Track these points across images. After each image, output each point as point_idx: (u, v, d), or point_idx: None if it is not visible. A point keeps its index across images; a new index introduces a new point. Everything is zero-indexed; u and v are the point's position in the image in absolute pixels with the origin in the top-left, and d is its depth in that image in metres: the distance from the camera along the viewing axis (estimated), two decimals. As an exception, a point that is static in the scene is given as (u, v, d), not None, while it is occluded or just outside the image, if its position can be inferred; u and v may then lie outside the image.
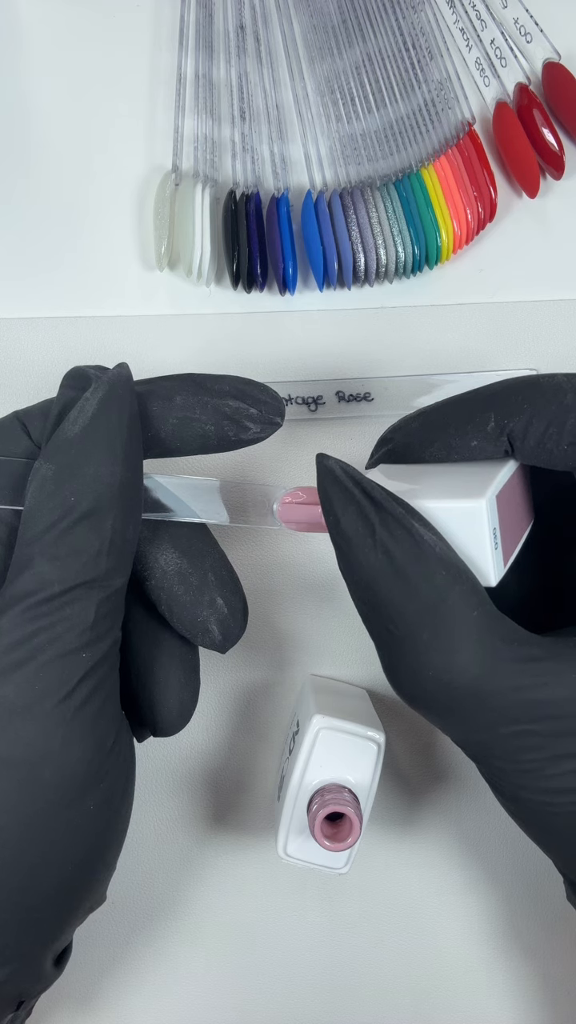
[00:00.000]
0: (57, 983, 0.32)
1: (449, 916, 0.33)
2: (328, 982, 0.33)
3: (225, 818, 0.33)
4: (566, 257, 0.33)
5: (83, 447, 0.21)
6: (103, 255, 0.33)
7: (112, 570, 0.22)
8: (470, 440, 0.23)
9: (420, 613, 0.21)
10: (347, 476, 0.22)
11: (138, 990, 0.33)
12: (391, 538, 0.21)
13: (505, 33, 0.33)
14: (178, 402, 0.23)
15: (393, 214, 0.31)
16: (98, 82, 0.33)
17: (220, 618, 0.24)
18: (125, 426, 0.22)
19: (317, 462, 0.22)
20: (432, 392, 0.32)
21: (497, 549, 0.22)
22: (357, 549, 0.21)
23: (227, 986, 0.33)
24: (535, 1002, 0.33)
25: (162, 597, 0.24)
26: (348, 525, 0.21)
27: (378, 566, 0.21)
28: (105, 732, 0.22)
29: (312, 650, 0.33)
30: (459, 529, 0.22)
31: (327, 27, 0.33)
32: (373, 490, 0.21)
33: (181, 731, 0.32)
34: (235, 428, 0.23)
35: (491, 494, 0.22)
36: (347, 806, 0.26)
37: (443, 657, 0.21)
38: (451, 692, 0.21)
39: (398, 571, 0.21)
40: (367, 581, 0.21)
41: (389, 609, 0.21)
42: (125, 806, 0.24)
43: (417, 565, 0.21)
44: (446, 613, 0.21)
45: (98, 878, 0.24)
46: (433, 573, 0.21)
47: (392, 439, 0.25)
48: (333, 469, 0.22)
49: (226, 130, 0.33)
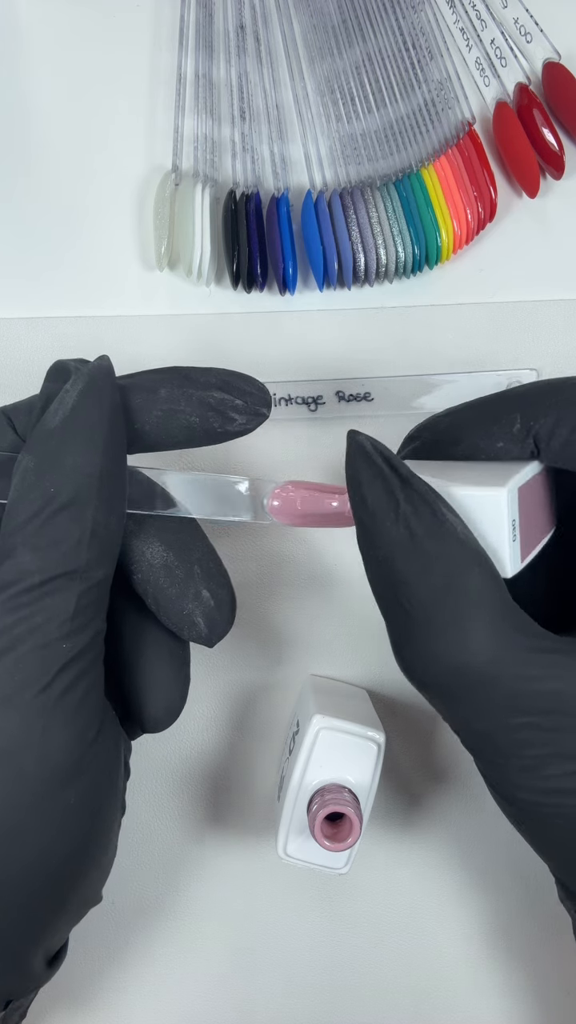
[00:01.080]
0: (57, 983, 0.32)
1: (449, 916, 0.33)
2: (328, 982, 0.33)
3: (225, 818, 0.33)
4: (566, 257, 0.33)
5: (63, 438, 0.21)
6: (103, 255, 0.33)
7: (94, 561, 0.21)
8: (496, 441, 0.23)
9: (436, 591, 0.21)
10: (377, 452, 0.22)
11: (138, 990, 0.33)
12: (414, 513, 0.21)
13: (505, 33, 0.33)
14: (162, 394, 0.23)
15: (393, 214, 0.31)
16: (98, 82, 0.33)
17: (206, 611, 0.24)
18: (106, 416, 0.22)
19: (348, 438, 0.22)
20: (432, 392, 0.32)
21: (515, 542, 0.22)
22: (380, 523, 0.21)
23: (227, 986, 0.33)
24: (534, 1002, 0.33)
25: (148, 591, 0.24)
26: (373, 499, 0.21)
27: (399, 540, 0.21)
28: (87, 723, 0.22)
29: (312, 650, 0.33)
30: (480, 516, 0.22)
31: (327, 27, 0.33)
32: (400, 467, 0.22)
33: (181, 731, 0.32)
34: (220, 419, 0.23)
35: (513, 485, 0.22)
36: (347, 806, 0.26)
37: (455, 638, 0.21)
38: (460, 675, 0.21)
39: (418, 546, 0.21)
40: (386, 555, 0.21)
41: (406, 585, 0.21)
42: (111, 802, 0.24)
43: (438, 542, 0.21)
44: (462, 594, 0.21)
45: (86, 875, 0.24)
46: (453, 552, 0.21)
47: (419, 436, 0.25)
48: (364, 444, 0.22)
49: (226, 130, 0.33)
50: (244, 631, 0.32)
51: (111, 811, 0.24)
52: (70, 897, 0.24)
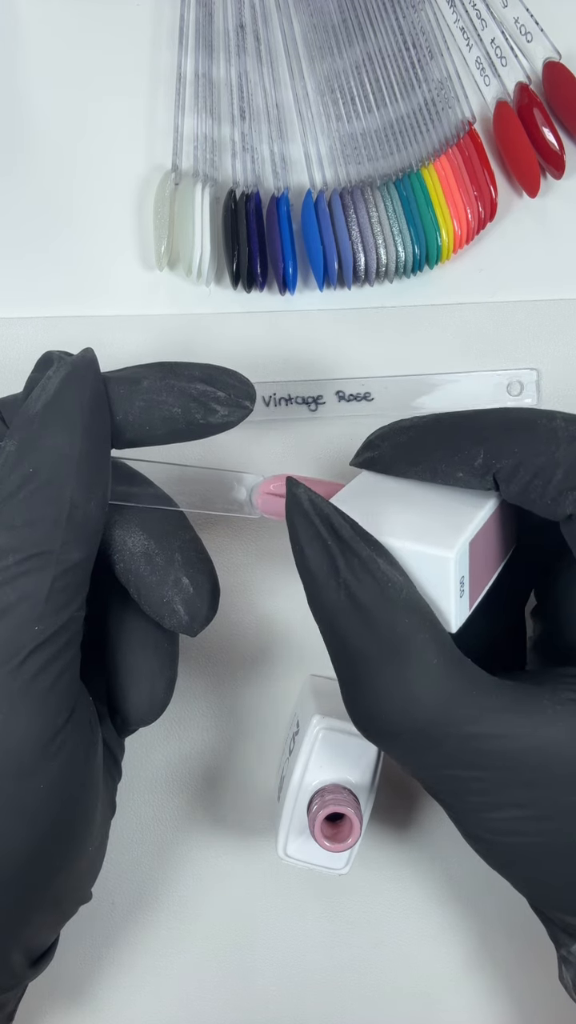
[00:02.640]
0: (56, 983, 0.33)
1: (449, 916, 0.33)
2: (328, 982, 0.33)
3: (225, 818, 0.33)
4: (566, 257, 0.33)
5: (43, 421, 0.22)
6: (103, 255, 0.32)
7: (70, 542, 0.21)
8: (456, 471, 0.23)
9: (381, 655, 0.21)
10: (314, 510, 0.22)
11: (138, 990, 0.33)
12: (355, 580, 0.21)
13: (505, 32, 0.33)
14: (144, 385, 0.23)
15: (393, 213, 0.31)
16: (98, 81, 0.33)
17: (185, 598, 0.24)
18: (86, 401, 0.22)
19: (287, 487, 0.22)
20: (432, 392, 0.32)
21: (463, 597, 0.22)
22: (321, 587, 0.21)
23: (227, 986, 0.33)
24: (534, 1003, 0.33)
25: (130, 580, 0.24)
26: (313, 562, 0.21)
27: (341, 607, 0.21)
28: (57, 708, 0.22)
29: (312, 650, 0.33)
30: (425, 573, 0.22)
31: (327, 26, 0.33)
32: (341, 528, 0.21)
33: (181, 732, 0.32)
34: (203, 411, 0.23)
35: (463, 541, 0.22)
36: (347, 806, 0.26)
37: (400, 699, 0.21)
38: (405, 733, 0.21)
39: (361, 614, 0.21)
40: (330, 619, 0.21)
41: (351, 648, 0.21)
42: (88, 793, 0.23)
43: (380, 609, 0.21)
44: (407, 658, 0.21)
45: (65, 870, 0.23)
46: (396, 619, 0.21)
47: (379, 447, 0.25)
48: (301, 501, 0.22)
49: (226, 129, 0.33)
50: (244, 631, 0.32)
51: (88, 803, 0.23)
52: (47, 892, 0.23)
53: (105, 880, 0.30)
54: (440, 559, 0.21)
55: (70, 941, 0.31)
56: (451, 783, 0.21)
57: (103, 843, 0.26)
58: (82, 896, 0.26)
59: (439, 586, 0.21)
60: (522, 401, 0.32)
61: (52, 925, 0.25)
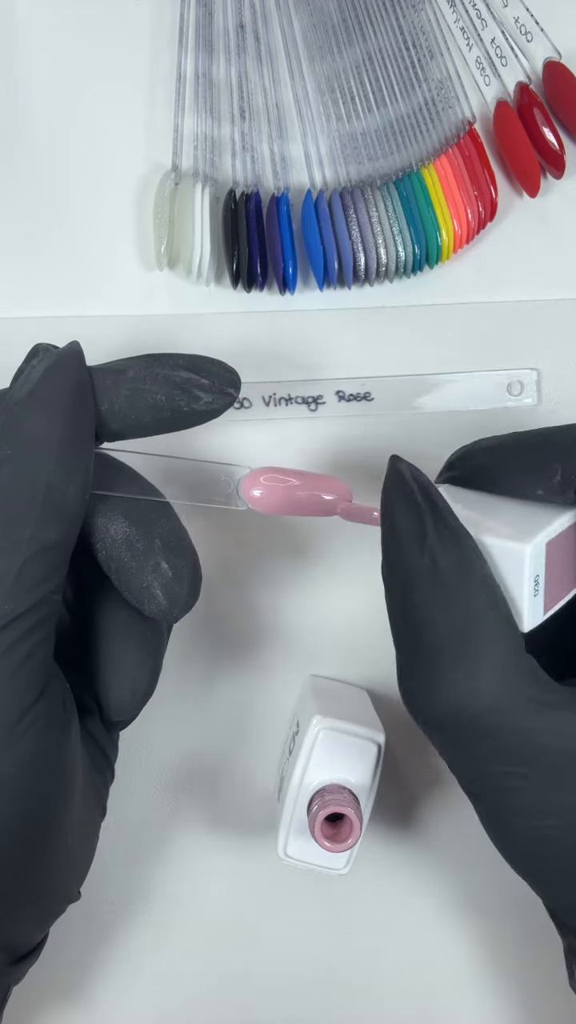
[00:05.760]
0: (54, 983, 0.33)
1: (449, 916, 0.33)
2: (328, 982, 0.33)
3: (225, 818, 0.33)
4: (567, 257, 0.33)
5: (24, 407, 0.22)
6: (103, 255, 0.32)
7: (45, 524, 0.22)
8: (535, 488, 0.23)
9: (452, 627, 0.20)
10: (414, 480, 0.22)
11: (136, 990, 0.33)
12: (442, 547, 0.21)
13: (505, 32, 0.33)
14: (130, 374, 0.24)
15: (393, 213, 0.31)
16: (97, 80, 0.33)
17: (164, 582, 0.24)
18: (68, 388, 0.22)
19: (389, 464, 0.23)
20: (432, 392, 0.32)
21: (537, 596, 0.22)
22: (406, 550, 0.21)
23: (227, 986, 0.33)
24: (535, 1003, 0.33)
25: (111, 567, 0.24)
26: (403, 526, 0.21)
27: (422, 570, 0.21)
28: (25, 687, 0.22)
29: (312, 650, 0.33)
30: (503, 567, 0.22)
31: (327, 26, 0.33)
32: (437, 498, 0.21)
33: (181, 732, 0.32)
34: (187, 398, 0.24)
35: (540, 540, 0.22)
36: (347, 807, 0.26)
37: (461, 678, 0.20)
38: (459, 716, 0.21)
39: (440, 579, 0.21)
40: (408, 584, 0.21)
41: (423, 617, 0.21)
42: (62, 782, 0.23)
43: (460, 579, 0.21)
44: (475, 634, 0.20)
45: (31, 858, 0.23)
46: (474, 592, 0.21)
47: (458, 467, 0.25)
48: (403, 472, 0.22)
49: (226, 129, 0.33)
50: (244, 631, 0.32)
51: (61, 788, 0.23)
52: (22, 882, 0.23)
53: (103, 879, 0.30)
54: (515, 552, 0.21)
55: (67, 940, 0.31)
56: (497, 779, 0.21)
57: (89, 841, 0.26)
58: (68, 894, 0.25)
59: (514, 581, 0.22)
60: (522, 401, 0.32)
61: (34, 922, 0.25)
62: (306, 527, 0.32)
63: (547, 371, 0.32)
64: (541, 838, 0.21)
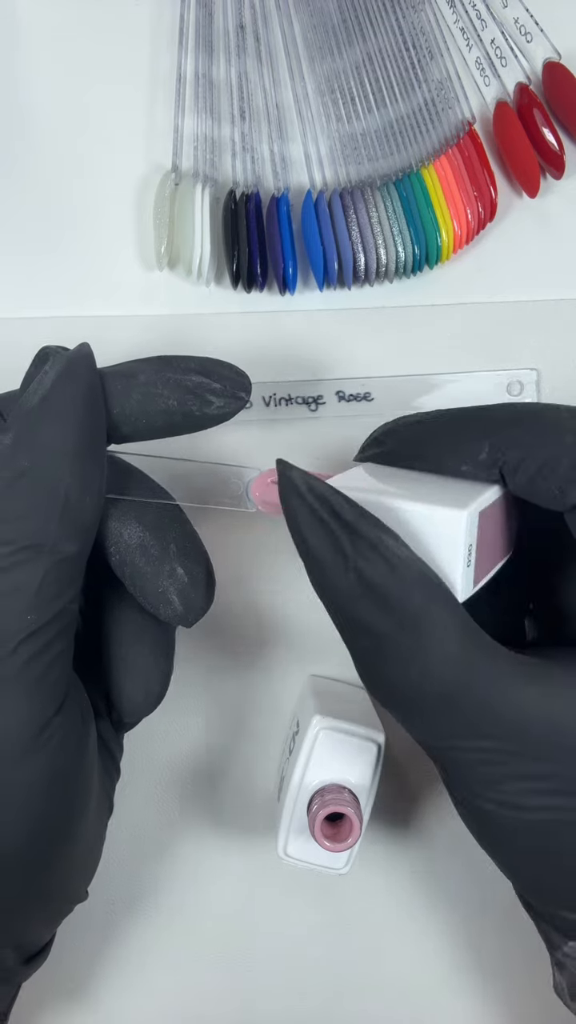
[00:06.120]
0: (57, 983, 0.33)
1: (449, 916, 0.33)
2: (328, 982, 0.33)
3: (225, 818, 0.33)
4: (566, 257, 0.33)
5: (38, 416, 0.22)
6: (103, 255, 0.32)
7: (64, 536, 0.22)
8: (461, 464, 0.23)
9: (397, 631, 0.20)
10: (311, 492, 0.21)
11: (137, 989, 0.33)
12: (364, 562, 0.20)
13: (505, 33, 0.33)
14: (141, 379, 0.23)
15: (393, 214, 0.31)
16: (97, 81, 0.33)
17: (180, 588, 0.24)
18: (81, 395, 0.22)
19: (278, 470, 0.22)
20: (432, 392, 0.32)
21: (470, 567, 0.22)
22: (330, 572, 0.21)
23: (227, 986, 0.33)
24: (535, 1002, 0.33)
25: (126, 572, 0.24)
26: (317, 548, 0.21)
27: (352, 590, 0.21)
28: (47, 698, 0.22)
29: (312, 650, 0.33)
30: (434, 537, 0.21)
31: (327, 26, 0.33)
32: (342, 509, 0.21)
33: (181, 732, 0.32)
34: (199, 402, 0.24)
35: (474, 509, 0.21)
36: (347, 806, 0.26)
37: (419, 670, 0.20)
38: (422, 700, 0.21)
39: (374, 595, 0.20)
40: (340, 604, 0.21)
41: (365, 628, 0.21)
42: (80, 786, 0.23)
43: (394, 588, 0.20)
44: (424, 631, 0.20)
45: (55, 865, 0.23)
46: (411, 595, 0.20)
47: (384, 443, 0.25)
48: (297, 484, 0.21)
49: (226, 129, 0.33)
50: (244, 631, 0.32)
51: (79, 796, 0.23)
52: (36, 887, 0.23)
53: (104, 879, 0.30)
54: (451, 519, 0.21)
55: (69, 939, 0.31)
56: (463, 752, 0.21)
57: (98, 842, 0.26)
58: (76, 895, 0.26)
59: (448, 550, 0.21)
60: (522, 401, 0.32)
61: (45, 922, 0.25)
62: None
63: (547, 371, 0.32)
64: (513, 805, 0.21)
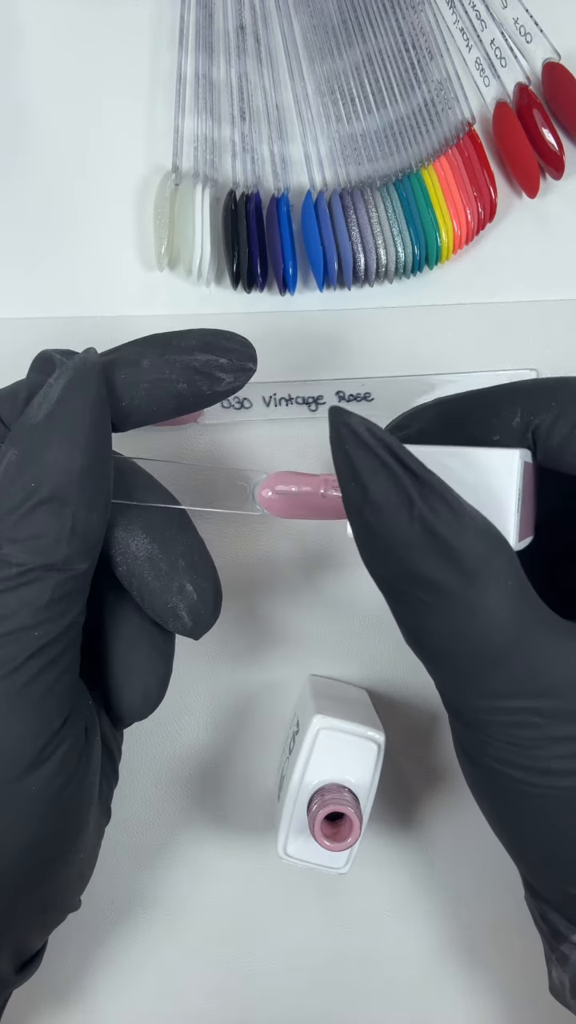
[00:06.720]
0: (54, 984, 0.33)
1: (449, 915, 0.33)
2: (328, 982, 0.33)
3: (225, 818, 0.33)
4: (566, 257, 0.33)
5: (45, 434, 0.21)
6: (103, 255, 0.33)
7: (73, 555, 0.22)
8: (492, 434, 0.23)
9: (457, 583, 0.20)
10: (377, 440, 0.20)
11: (135, 990, 0.33)
12: (431, 511, 0.20)
13: (505, 33, 0.33)
14: (146, 365, 0.23)
15: (393, 214, 0.31)
16: (98, 81, 0.33)
17: (190, 604, 0.24)
18: (88, 412, 0.22)
19: (333, 417, 0.21)
20: (432, 392, 0.32)
21: (518, 518, 0.22)
22: (392, 520, 0.20)
23: (227, 986, 0.33)
24: (535, 1002, 0.33)
25: (133, 583, 0.24)
26: (380, 495, 0.20)
27: (415, 539, 0.20)
28: (53, 712, 0.22)
29: (312, 650, 0.33)
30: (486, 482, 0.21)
31: (327, 27, 0.33)
32: (408, 459, 0.20)
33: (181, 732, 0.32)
34: (208, 381, 0.23)
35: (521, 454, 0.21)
36: (347, 806, 0.26)
37: (478, 624, 0.20)
38: (471, 655, 0.21)
39: (438, 544, 0.20)
40: (401, 553, 0.20)
41: (423, 579, 0.20)
42: (82, 798, 0.23)
43: (458, 538, 0.20)
44: (485, 583, 0.20)
45: (54, 875, 0.23)
46: (475, 546, 0.20)
47: (408, 426, 0.25)
48: (359, 431, 0.20)
49: (226, 130, 0.33)
50: (244, 631, 0.33)
51: (80, 810, 0.23)
52: (33, 898, 0.23)
53: (104, 879, 0.30)
54: (506, 458, 0.21)
55: (67, 940, 0.32)
56: (501, 714, 0.21)
57: (94, 852, 0.26)
58: (70, 904, 0.26)
59: (502, 494, 0.21)
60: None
61: (38, 932, 0.25)
62: (306, 526, 0.32)
63: (547, 371, 0.32)
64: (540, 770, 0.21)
